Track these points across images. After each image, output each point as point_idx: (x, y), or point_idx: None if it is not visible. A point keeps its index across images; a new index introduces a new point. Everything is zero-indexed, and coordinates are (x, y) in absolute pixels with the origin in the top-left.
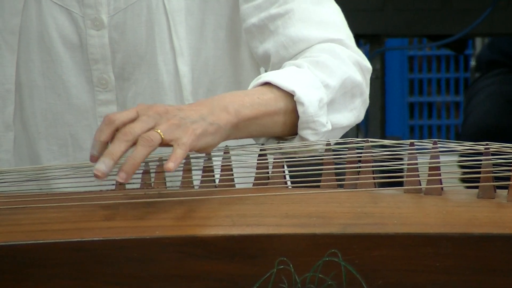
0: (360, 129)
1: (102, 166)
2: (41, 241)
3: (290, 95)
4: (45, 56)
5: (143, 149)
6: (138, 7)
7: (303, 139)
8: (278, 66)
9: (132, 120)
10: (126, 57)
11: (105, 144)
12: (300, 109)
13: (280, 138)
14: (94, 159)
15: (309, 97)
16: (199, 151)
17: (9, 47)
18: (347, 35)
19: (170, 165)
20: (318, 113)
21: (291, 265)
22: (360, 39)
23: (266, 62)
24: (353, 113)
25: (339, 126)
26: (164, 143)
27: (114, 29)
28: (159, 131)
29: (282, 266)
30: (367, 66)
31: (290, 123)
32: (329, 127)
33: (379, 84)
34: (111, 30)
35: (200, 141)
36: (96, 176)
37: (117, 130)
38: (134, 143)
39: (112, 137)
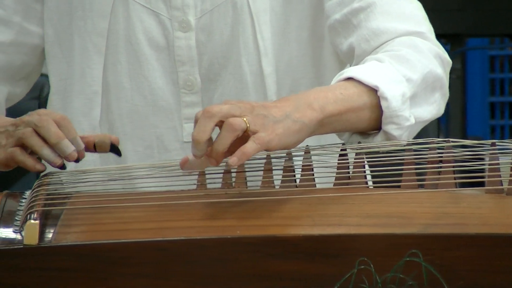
0: (441, 129)
1: (194, 150)
2: (123, 241)
3: (373, 90)
4: (132, 58)
5: (227, 134)
6: (224, 9)
7: (386, 134)
8: (360, 59)
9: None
10: (212, 59)
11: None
12: (383, 104)
13: (363, 133)
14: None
15: (392, 92)
16: (281, 149)
17: (97, 50)
18: (428, 29)
19: (233, 159)
20: (401, 107)
21: (371, 265)
22: (441, 38)
23: (351, 57)
24: (433, 106)
25: (421, 120)
26: (247, 134)
27: (201, 31)
28: (245, 119)
29: (362, 266)
30: (447, 59)
31: (374, 118)
32: (412, 121)
33: (460, 84)
34: (198, 32)
35: (282, 140)
36: (194, 156)
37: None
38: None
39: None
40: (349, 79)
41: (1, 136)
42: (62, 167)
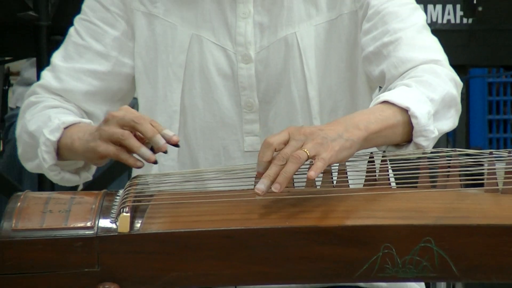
0: (449, 141)
1: (262, 186)
2: (196, 229)
3: (404, 110)
4: (204, 84)
5: (292, 165)
6: (278, 45)
7: (417, 145)
8: (390, 82)
9: (285, 141)
10: (268, 85)
11: (268, 163)
12: (414, 121)
13: (397, 145)
14: (260, 174)
15: (420, 111)
16: (338, 162)
17: (176, 78)
18: (444, 57)
19: (311, 173)
20: (428, 122)
21: (393, 250)
22: None
23: (382, 81)
24: (450, 120)
25: (442, 131)
26: (310, 159)
27: (259, 63)
28: (305, 150)
29: (386, 251)
30: (459, 82)
31: (405, 132)
32: (436, 133)
33: (464, 105)
34: (257, 64)
35: (339, 155)
36: (256, 193)
37: (275, 150)
38: None
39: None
40: (385, 102)
41: (95, 134)
42: (154, 162)
